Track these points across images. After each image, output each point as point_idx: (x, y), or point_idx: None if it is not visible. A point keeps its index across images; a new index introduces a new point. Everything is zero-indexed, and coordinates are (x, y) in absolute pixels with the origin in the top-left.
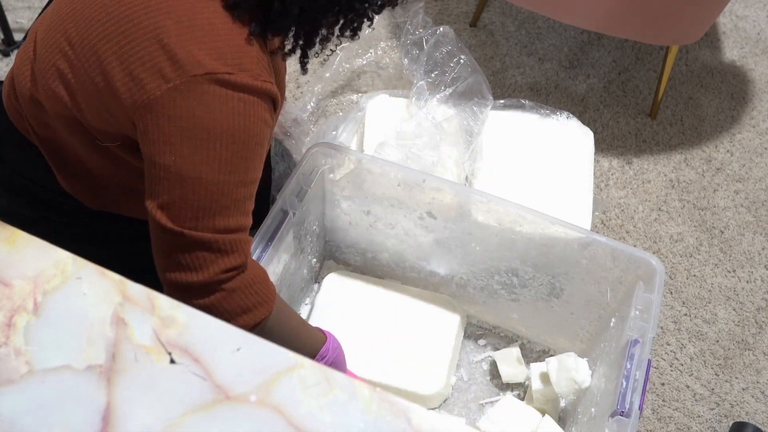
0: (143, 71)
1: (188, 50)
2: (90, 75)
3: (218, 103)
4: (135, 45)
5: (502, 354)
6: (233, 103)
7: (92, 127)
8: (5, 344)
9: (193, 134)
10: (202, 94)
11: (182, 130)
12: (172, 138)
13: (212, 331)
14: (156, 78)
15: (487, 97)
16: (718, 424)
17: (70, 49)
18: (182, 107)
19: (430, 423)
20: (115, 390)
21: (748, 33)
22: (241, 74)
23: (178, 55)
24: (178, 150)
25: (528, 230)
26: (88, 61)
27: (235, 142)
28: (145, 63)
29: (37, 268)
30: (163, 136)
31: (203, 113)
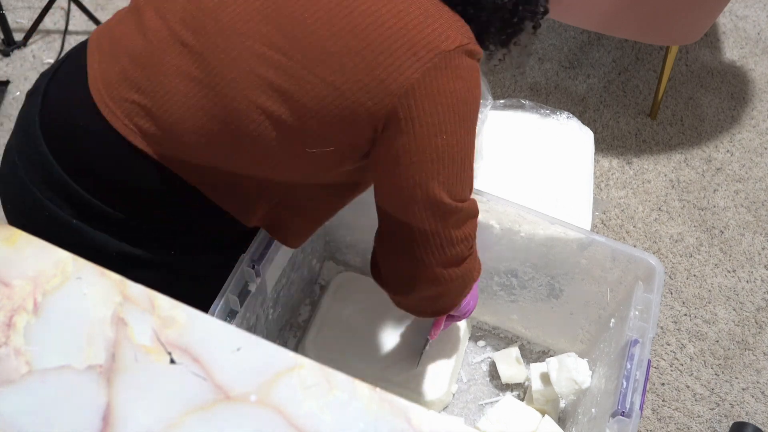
0: (392, 58)
1: (433, 28)
2: (321, 78)
3: (469, 74)
4: (373, 35)
5: (502, 355)
6: (475, 71)
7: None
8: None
9: (457, 109)
10: (458, 67)
11: (448, 107)
12: (441, 117)
13: (212, 331)
14: (411, 62)
15: (486, 97)
16: (718, 424)
17: (279, 55)
18: (444, 84)
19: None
20: (115, 390)
21: (748, 33)
22: (473, 43)
23: (425, 34)
24: (447, 128)
25: (527, 230)
26: (313, 64)
27: (477, 107)
28: (393, 50)
29: (37, 268)
30: (431, 117)
31: (461, 86)
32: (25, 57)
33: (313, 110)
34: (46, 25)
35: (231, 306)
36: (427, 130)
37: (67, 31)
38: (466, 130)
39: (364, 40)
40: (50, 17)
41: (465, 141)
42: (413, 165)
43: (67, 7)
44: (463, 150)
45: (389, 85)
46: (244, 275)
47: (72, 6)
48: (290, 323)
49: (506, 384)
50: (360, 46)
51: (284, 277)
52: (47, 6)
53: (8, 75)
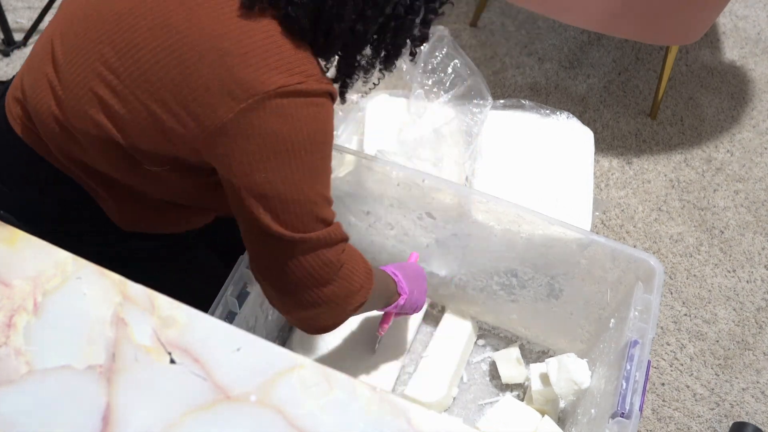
0: (210, 96)
1: (255, 68)
2: (143, 104)
3: (295, 113)
4: (196, 71)
5: (502, 355)
6: (308, 109)
7: (140, 152)
8: (5, 344)
9: (277, 148)
10: (277, 107)
11: (264, 147)
12: (256, 156)
13: (212, 331)
14: (226, 101)
15: (486, 97)
16: (718, 424)
17: (113, 77)
18: (259, 125)
19: (430, 423)
20: (115, 390)
21: (748, 33)
22: (308, 81)
23: (245, 75)
24: (266, 166)
25: (527, 230)
26: (140, 90)
27: (317, 146)
28: (210, 88)
29: (37, 268)
30: (245, 156)
31: (282, 126)
32: (25, 57)
33: (137, 131)
34: (46, 25)
35: (230, 308)
36: (244, 167)
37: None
38: (294, 168)
39: (183, 73)
40: (50, 17)
41: (293, 178)
42: (241, 198)
43: None
44: (291, 186)
45: (203, 121)
46: (243, 276)
47: None
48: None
49: (506, 384)
50: (179, 79)
51: None
52: (47, 6)
53: (8, 75)
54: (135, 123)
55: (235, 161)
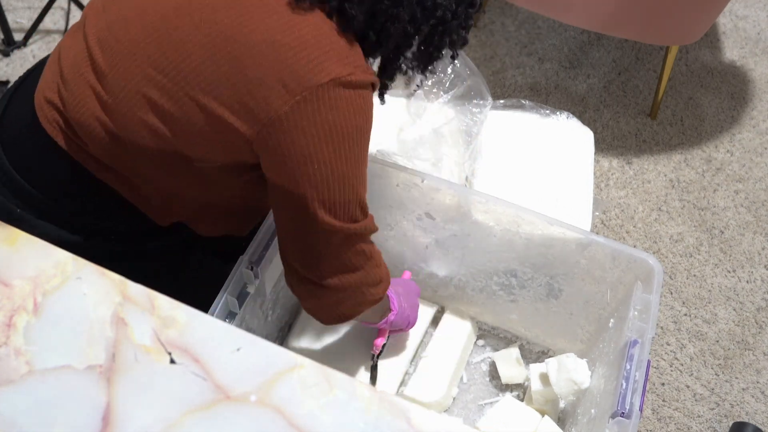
0: (264, 89)
1: (307, 60)
2: (194, 100)
3: (345, 105)
4: (249, 64)
5: (502, 355)
6: (357, 101)
7: (191, 150)
8: (5, 344)
9: (330, 139)
10: (330, 99)
11: (318, 138)
12: (310, 148)
13: (212, 331)
14: (281, 94)
15: (486, 97)
16: (718, 424)
17: (161, 77)
18: (314, 116)
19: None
20: (115, 390)
21: (748, 33)
22: (356, 72)
23: (299, 67)
24: (319, 158)
25: (527, 231)
26: (190, 87)
27: (363, 137)
28: (264, 81)
29: (37, 268)
30: (300, 148)
31: (335, 118)
32: (25, 57)
33: (189, 130)
34: (46, 25)
35: (230, 308)
36: (297, 159)
37: (67, 31)
38: (344, 158)
39: (236, 67)
40: (50, 17)
41: (343, 169)
42: (289, 191)
43: (67, 7)
44: (341, 177)
45: (258, 114)
46: (243, 277)
47: (72, 6)
48: (290, 324)
49: (506, 384)
50: (231, 73)
51: (283, 279)
52: (47, 6)
53: (8, 75)
54: (186, 120)
55: (288, 153)
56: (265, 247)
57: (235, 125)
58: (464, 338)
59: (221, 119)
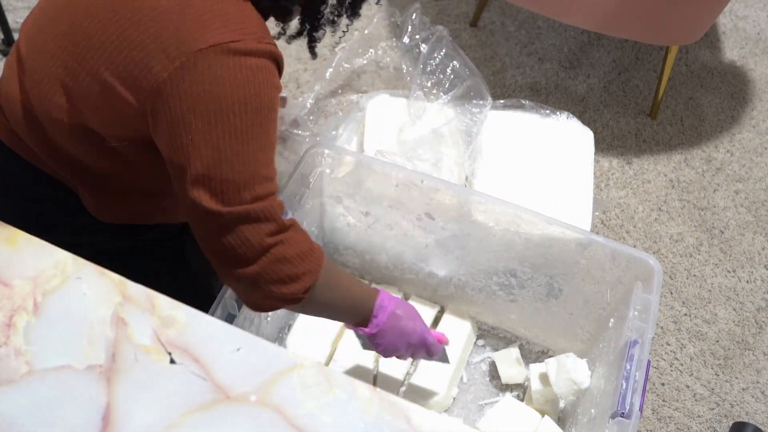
0: (146, 56)
1: (190, 25)
2: (90, 73)
3: (227, 74)
4: (134, 31)
5: (502, 355)
6: (242, 71)
7: (99, 127)
8: (5, 344)
9: (206, 109)
10: (210, 67)
11: (194, 107)
12: (185, 117)
13: (212, 331)
14: (161, 60)
15: (486, 98)
16: (718, 424)
17: (67, 55)
18: (191, 84)
19: (429, 423)
20: (115, 390)
21: (748, 33)
22: (246, 39)
23: (180, 32)
24: (193, 128)
25: (526, 231)
26: (87, 59)
27: (248, 111)
28: (147, 47)
29: (37, 268)
30: (174, 116)
31: (213, 87)
32: None
33: (89, 103)
34: None
35: (229, 310)
36: (173, 128)
37: None
38: (221, 131)
39: (122, 34)
40: None
41: (218, 144)
42: (170, 158)
43: None
44: (215, 152)
45: (141, 81)
46: None
47: None
48: (289, 325)
49: (506, 384)
50: (119, 41)
51: None
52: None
53: None
54: (86, 95)
55: (167, 121)
56: None
57: (124, 95)
58: (464, 338)
59: (113, 90)
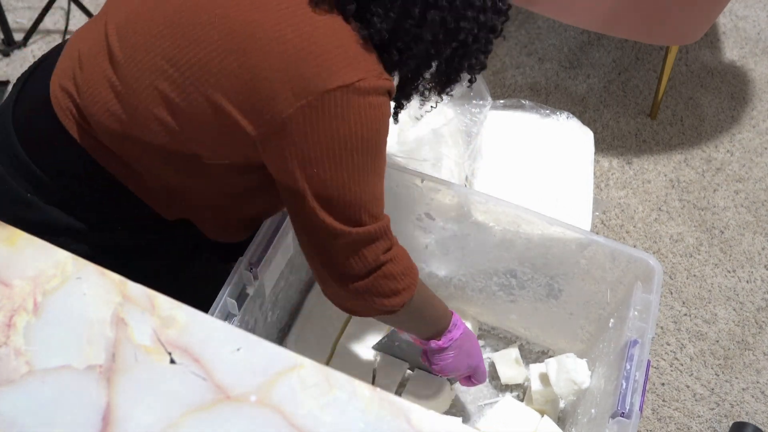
0: (270, 89)
1: (317, 63)
2: (204, 95)
3: (354, 114)
4: (257, 62)
5: (501, 355)
6: (366, 110)
7: (199, 146)
8: (5, 344)
9: (332, 148)
10: (337, 107)
11: (320, 146)
12: (312, 154)
13: (212, 331)
14: (287, 96)
15: (485, 98)
16: (718, 424)
17: (173, 70)
18: (317, 124)
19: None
20: (115, 390)
21: (748, 33)
22: (369, 77)
23: (306, 70)
24: (318, 165)
25: (526, 231)
26: (200, 81)
27: (370, 147)
28: (271, 80)
29: (37, 268)
30: (300, 153)
31: (339, 126)
32: (25, 57)
33: (198, 125)
34: (46, 25)
35: (229, 309)
36: (297, 161)
37: (67, 31)
38: (345, 167)
39: (245, 65)
40: (50, 17)
41: (343, 178)
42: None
43: (67, 7)
44: (341, 185)
45: (263, 114)
46: (242, 278)
47: (72, 6)
48: (289, 325)
49: (506, 384)
50: (240, 71)
51: (282, 280)
52: (47, 6)
53: (8, 75)
54: (195, 116)
55: (289, 157)
56: (264, 248)
57: (241, 123)
58: None
59: (229, 116)
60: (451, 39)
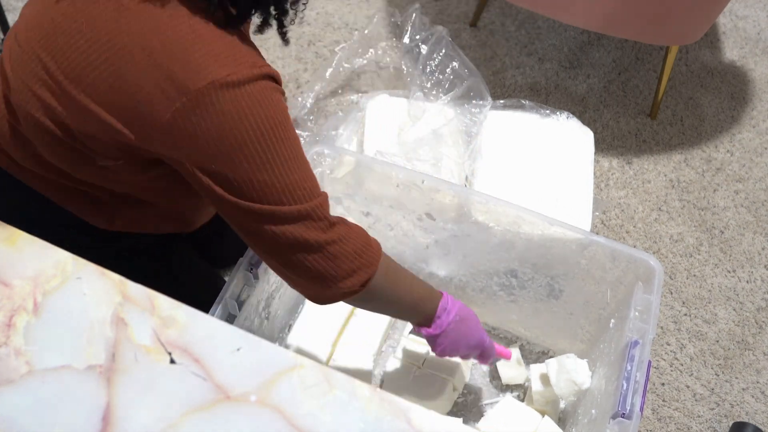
0: (145, 96)
1: (183, 64)
2: (83, 106)
3: (232, 108)
4: (127, 71)
5: None
6: (245, 101)
7: (89, 150)
8: (5, 344)
9: (222, 145)
10: (213, 104)
11: (208, 145)
12: (204, 153)
13: (212, 331)
14: (161, 100)
15: (485, 98)
16: (718, 424)
17: (51, 81)
18: (198, 124)
19: (430, 423)
20: (115, 390)
21: (748, 33)
22: (240, 69)
23: (175, 72)
24: (216, 162)
25: (527, 231)
26: (77, 92)
27: (265, 135)
28: (144, 87)
29: (37, 268)
30: (194, 153)
31: (222, 123)
32: None
33: (83, 131)
34: None
35: (229, 310)
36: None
37: None
38: (245, 159)
39: (115, 74)
40: None
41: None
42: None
43: None
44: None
45: (142, 121)
46: (243, 279)
47: None
48: (290, 325)
49: (506, 385)
50: (112, 80)
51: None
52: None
53: None
54: (79, 123)
55: (184, 157)
56: None
57: (123, 131)
58: None
59: (109, 125)
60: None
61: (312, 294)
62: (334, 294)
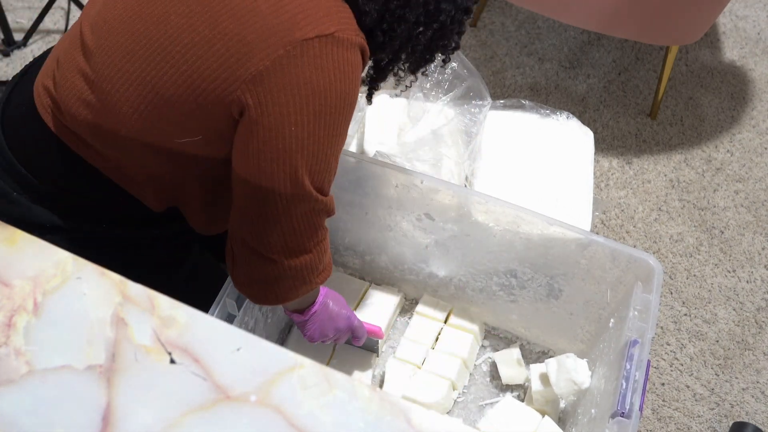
0: (244, 47)
1: (291, 15)
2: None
3: (333, 65)
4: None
5: (502, 355)
6: (345, 65)
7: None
8: (5, 344)
9: (309, 101)
10: (315, 56)
11: (299, 98)
12: (287, 107)
13: (212, 331)
14: (260, 48)
15: (485, 98)
16: (718, 424)
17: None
18: (296, 75)
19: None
20: (115, 390)
21: (748, 33)
22: (347, 30)
23: (282, 22)
24: (297, 119)
25: (526, 231)
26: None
27: (346, 105)
28: (244, 38)
29: (37, 268)
30: (278, 107)
31: (318, 78)
32: (25, 57)
33: (168, 99)
34: (46, 25)
35: (228, 310)
36: (275, 118)
37: (67, 31)
38: (323, 124)
39: (216, 29)
40: (50, 17)
41: (319, 135)
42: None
43: (67, 7)
44: (316, 143)
45: (237, 70)
46: None
47: (72, 6)
48: (290, 325)
49: (506, 385)
50: (213, 36)
51: None
52: (47, 6)
53: (8, 75)
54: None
55: (267, 111)
56: None
57: (212, 87)
58: (470, 340)
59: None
60: (433, 20)
61: (283, 289)
62: (306, 285)
